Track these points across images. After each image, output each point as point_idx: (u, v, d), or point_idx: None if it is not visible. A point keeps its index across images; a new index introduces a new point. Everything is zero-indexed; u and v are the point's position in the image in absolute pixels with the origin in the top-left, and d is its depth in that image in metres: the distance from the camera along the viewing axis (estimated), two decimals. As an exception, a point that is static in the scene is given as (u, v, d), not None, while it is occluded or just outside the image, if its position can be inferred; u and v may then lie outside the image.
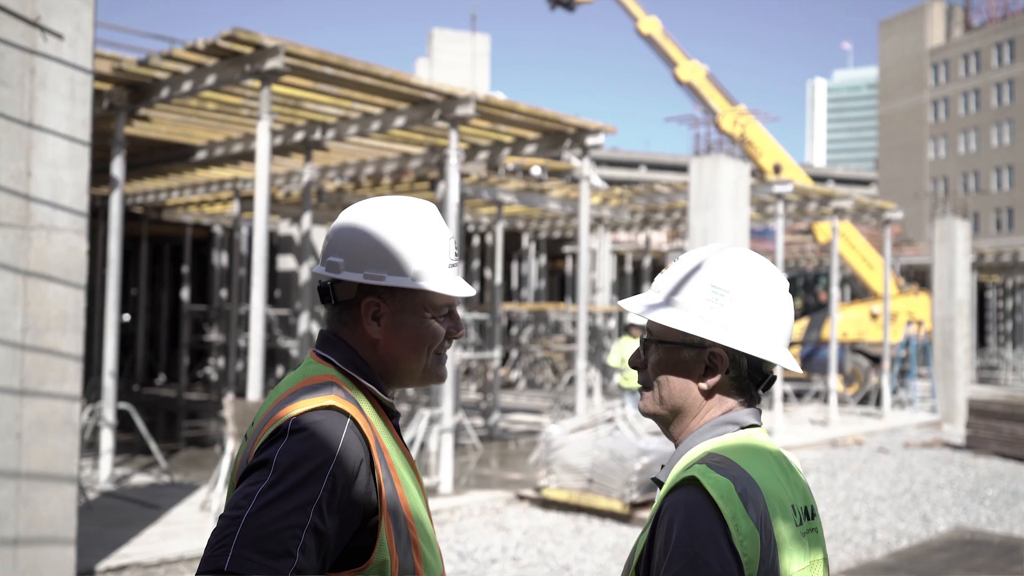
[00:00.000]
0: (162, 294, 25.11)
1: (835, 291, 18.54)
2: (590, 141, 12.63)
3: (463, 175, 15.68)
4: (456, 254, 1.83)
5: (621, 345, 12.50)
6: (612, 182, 65.50)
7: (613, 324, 25.39)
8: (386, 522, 1.63)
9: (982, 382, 30.64)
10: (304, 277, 13.41)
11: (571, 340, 23.95)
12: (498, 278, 17.46)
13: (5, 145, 6.19)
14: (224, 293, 20.71)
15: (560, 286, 33.40)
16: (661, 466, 1.81)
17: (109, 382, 9.88)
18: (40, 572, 5.93)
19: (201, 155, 14.14)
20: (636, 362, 1.84)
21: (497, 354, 15.76)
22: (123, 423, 11.61)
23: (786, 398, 20.63)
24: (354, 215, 1.80)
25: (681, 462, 1.72)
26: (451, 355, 11.01)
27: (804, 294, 24.83)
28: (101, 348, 16.12)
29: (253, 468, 1.58)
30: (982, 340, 38.19)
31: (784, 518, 1.64)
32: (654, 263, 29.99)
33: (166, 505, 9.23)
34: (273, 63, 9.04)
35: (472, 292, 1.81)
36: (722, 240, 13.60)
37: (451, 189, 10.97)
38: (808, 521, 1.71)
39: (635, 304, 1.82)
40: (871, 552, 8.51)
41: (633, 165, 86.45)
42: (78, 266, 6.56)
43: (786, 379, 23.12)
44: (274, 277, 21.53)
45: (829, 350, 18.24)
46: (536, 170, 24.64)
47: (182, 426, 16.31)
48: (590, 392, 18.18)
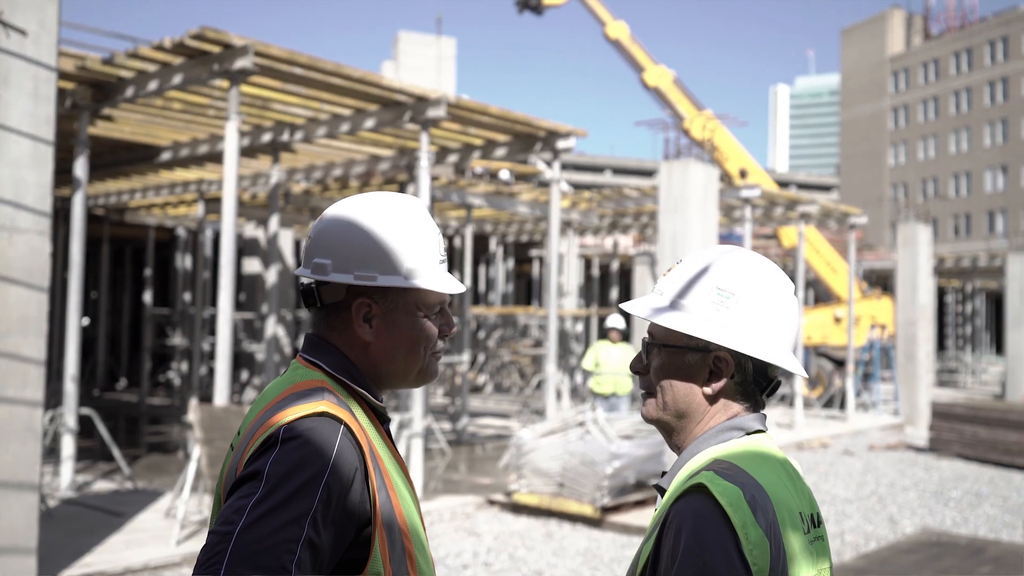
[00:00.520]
0: (123, 297, 24.75)
1: (800, 295, 18.69)
2: (561, 144, 12.62)
3: (432, 178, 15.60)
4: (444, 250, 1.77)
5: (596, 349, 12.39)
6: (578, 186, 65.66)
7: (581, 328, 25.41)
8: (380, 533, 1.56)
9: (942, 385, 31.06)
10: (271, 280, 13.25)
11: (538, 344, 23.93)
12: (467, 281, 17.39)
13: (-34, 143, 6.03)
14: (188, 296, 20.44)
15: (527, 290, 33.39)
16: (663, 473, 1.76)
17: (71, 387, 9.68)
18: (2, 582, 5.78)
19: (166, 156, 13.93)
20: (638, 367, 1.79)
21: (466, 358, 15.69)
22: (84, 429, 11.40)
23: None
24: (339, 213, 1.72)
25: (686, 469, 1.68)
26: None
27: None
28: (62, 352, 15.84)
29: (244, 480, 1.50)
30: (941, 344, 38.73)
31: (793, 526, 1.60)
32: (621, 267, 30.08)
33: (130, 512, 9.05)
34: (242, 63, 8.92)
35: (464, 288, 1.76)
36: (691, 244, 13.63)
37: (422, 192, 10.89)
38: (815, 529, 1.68)
39: (640, 308, 1.77)
40: (840, 554, 8.55)
41: (599, 169, 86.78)
42: (41, 268, 6.41)
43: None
44: (239, 280, 21.29)
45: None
46: (504, 174, 24.62)
47: (144, 431, 16.05)
48: (559, 396, 18.15)
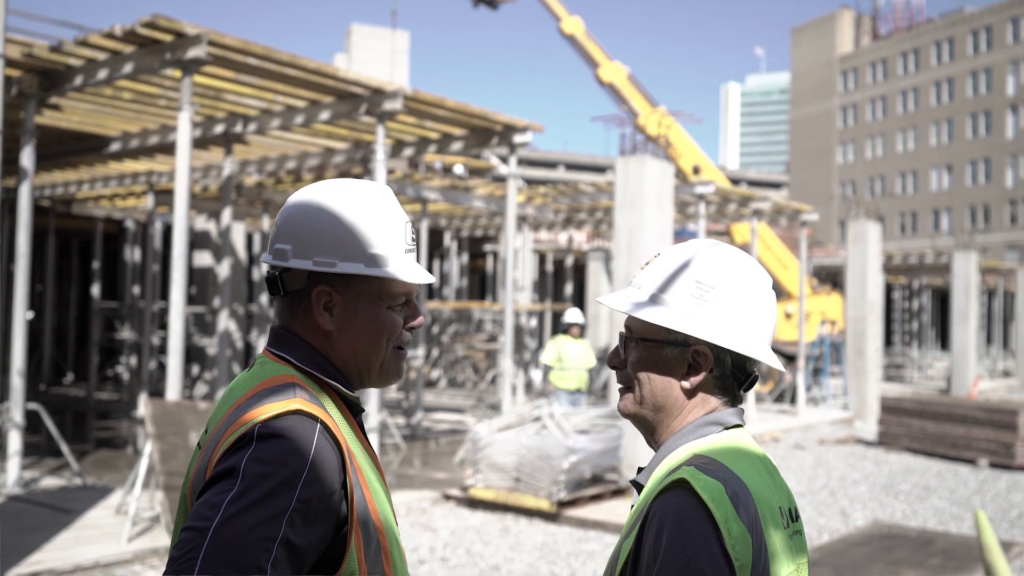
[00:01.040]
0: (70, 291, 24.27)
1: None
2: (517, 139, 12.60)
3: (387, 171, 15.49)
4: (413, 239, 1.71)
5: (557, 344, 12.20)
6: (531, 181, 65.74)
7: (535, 323, 25.46)
8: (356, 531, 1.52)
9: (889, 380, 31.63)
10: (223, 274, 13.06)
11: (492, 339, 23.92)
12: (421, 276, 17.31)
13: (-90, 131, 5.85)
14: (137, 290, 20.10)
15: (481, 284, 33.36)
16: (639, 469, 1.74)
17: (17, 381, 9.46)
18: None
19: (115, 147, 13.66)
20: (615, 361, 1.77)
21: (420, 353, 15.62)
22: (31, 424, 11.15)
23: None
24: (302, 198, 1.67)
25: (664, 464, 1.66)
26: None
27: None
28: (7, 346, 15.49)
29: (218, 477, 1.45)
30: (888, 339, 39.46)
31: (773, 521, 1.59)
32: (576, 262, 30.18)
33: (79, 509, 8.87)
34: (195, 52, 8.76)
35: (432, 279, 1.70)
36: (646, 240, 13.70)
37: (377, 185, 10.79)
38: (793, 523, 1.67)
39: (619, 302, 1.75)
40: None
41: (552, 165, 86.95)
42: (-12, 259, 6.24)
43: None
44: (190, 274, 20.99)
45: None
46: (459, 168, 24.56)
47: (93, 427, 15.75)
48: (513, 391, 18.15)
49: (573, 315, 12.16)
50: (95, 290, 20.35)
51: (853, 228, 20.47)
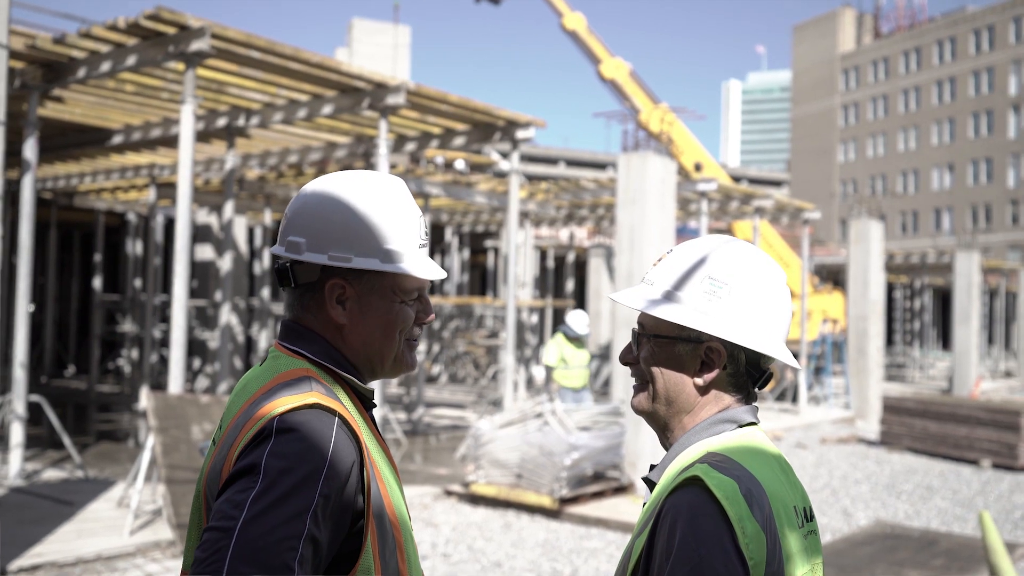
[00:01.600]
0: (72, 283, 24.25)
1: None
2: (520, 134, 12.57)
3: (390, 166, 15.46)
4: (426, 233, 1.70)
5: (560, 345, 11.71)
6: (532, 177, 65.68)
7: (536, 319, 25.44)
8: (371, 526, 1.51)
9: (890, 380, 31.62)
10: (225, 268, 13.04)
11: (493, 335, 23.90)
12: (423, 271, 17.29)
13: (-87, 121, 5.83)
14: (138, 283, 20.08)
15: (482, 280, 33.33)
16: (651, 466, 1.72)
17: (20, 373, 9.44)
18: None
19: (117, 139, 13.63)
20: (628, 357, 1.76)
21: (422, 348, 15.60)
22: (33, 416, 11.13)
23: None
24: (317, 190, 1.65)
25: (677, 462, 1.65)
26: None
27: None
28: (10, 338, 15.47)
29: (239, 474, 1.43)
30: (890, 339, 39.44)
31: (788, 520, 1.58)
32: (577, 259, 30.15)
33: (81, 501, 8.85)
34: (198, 45, 8.73)
35: (444, 274, 1.70)
36: (648, 236, 13.68)
37: (381, 180, 10.77)
38: (808, 523, 1.66)
39: (632, 299, 1.73)
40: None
41: (553, 161, 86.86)
42: (-9, 251, 6.22)
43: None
44: (192, 267, 20.97)
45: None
46: (460, 164, 24.51)
47: (94, 419, 15.74)
48: (515, 387, 18.15)
49: (581, 325, 11.58)
50: (97, 283, 20.33)
51: (855, 227, 20.44)
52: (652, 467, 1.72)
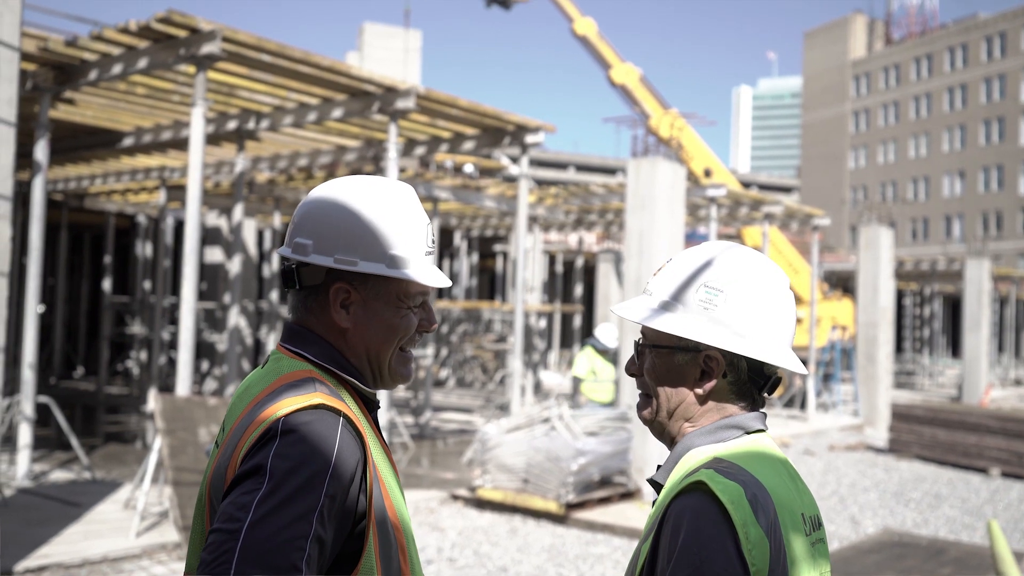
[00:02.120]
0: (81, 285, 24.33)
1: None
2: (529, 139, 12.57)
3: (399, 170, 15.48)
4: (433, 241, 1.71)
5: (590, 358, 11.21)
6: (541, 182, 65.67)
7: (544, 324, 25.42)
8: (373, 527, 1.52)
9: (899, 387, 31.49)
10: (234, 270, 13.07)
11: (501, 339, 23.89)
12: (431, 275, 17.29)
13: (-75, 122, 5.86)
14: (148, 285, 20.13)
15: (490, 285, 33.33)
16: (657, 467, 1.71)
17: (28, 374, 9.47)
18: (-45, 575, 5.62)
19: (128, 142, 13.68)
20: (632, 369, 1.75)
21: (429, 352, 15.60)
22: (41, 417, 11.16)
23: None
24: (326, 194, 1.65)
25: (682, 465, 1.63)
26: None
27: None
28: (19, 339, 15.52)
29: (245, 475, 1.43)
30: (899, 346, 39.29)
31: (794, 527, 1.57)
32: (586, 264, 30.13)
33: (88, 503, 8.87)
34: (209, 48, 8.76)
35: (449, 283, 1.70)
36: (657, 242, 13.65)
37: (389, 183, 10.77)
38: (816, 531, 1.64)
39: (630, 311, 1.72)
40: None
41: (562, 166, 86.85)
42: (1, 252, 6.24)
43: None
44: (201, 269, 21.02)
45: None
46: (469, 168, 24.54)
47: (102, 421, 15.78)
48: (522, 392, 18.13)
49: (611, 338, 11.24)
50: (106, 284, 20.39)
51: (865, 233, 20.37)
52: (658, 468, 1.71)
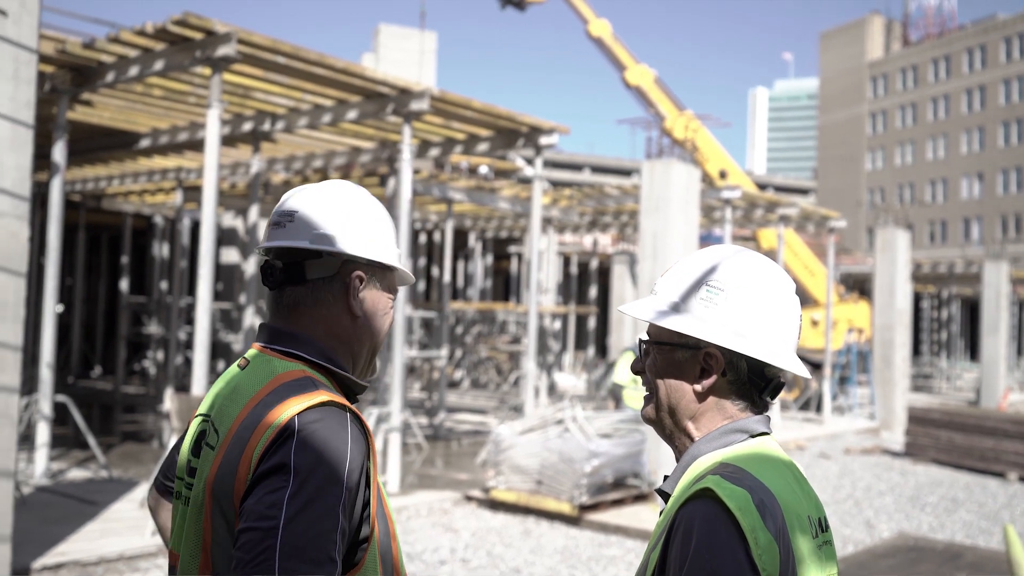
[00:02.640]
0: (99, 285, 24.49)
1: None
2: (543, 141, 12.57)
3: (413, 171, 15.52)
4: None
5: (631, 362, 11.10)
6: (556, 183, 65.63)
7: (558, 325, 25.40)
8: (374, 515, 1.58)
9: (917, 390, 31.31)
10: (250, 271, 13.13)
11: (516, 340, 23.89)
12: (446, 276, 17.33)
13: (-56, 124, 5.91)
14: (164, 285, 20.24)
15: (505, 286, 33.34)
16: (665, 476, 1.72)
17: (46, 373, 9.54)
18: (-28, 572, 5.67)
19: (145, 143, 13.77)
20: (637, 367, 1.76)
21: (444, 353, 15.63)
22: (59, 416, 11.25)
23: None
24: (329, 192, 1.73)
25: (690, 472, 1.64)
26: (399, 353, 10.84)
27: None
28: (37, 339, 15.64)
29: (267, 474, 1.48)
30: (916, 349, 39.04)
31: (801, 530, 1.57)
32: (600, 265, 30.10)
33: (104, 501, 8.94)
34: (225, 50, 8.81)
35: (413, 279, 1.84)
36: (671, 244, 13.63)
37: (403, 185, 10.83)
38: (823, 534, 1.64)
39: (636, 309, 1.74)
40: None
41: (577, 167, 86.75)
42: (19, 253, 6.29)
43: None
44: (217, 270, 21.13)
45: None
46: (484, 169, 24.59)
47: (119, 420, 15.87)
48: (536, 393, 18.13)
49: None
50: (123, 285, 20.51)
51: (882, 236, 20.28)
52: (665, 477, 1.72)
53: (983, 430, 14.04)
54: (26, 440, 10.81)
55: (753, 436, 1.66)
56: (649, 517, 9.55)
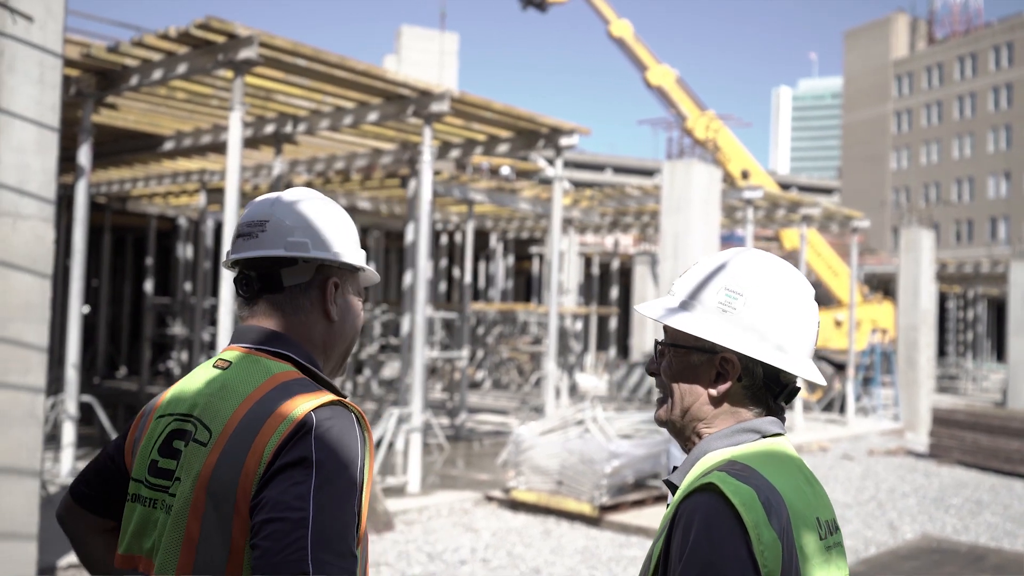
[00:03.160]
0: (124, 286, 24.72)
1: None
2: (564, 142, 12.57)
3: (434, 172, 15.56)
4: None
5: None
6: (578, 184, 65.54)
7: (580, 326, 25.37)
8: (365, 506, 1.61)
9: (942, 391, 31.04)
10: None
11: (537, 341, 23.90)
12: (467, 277, 17.36)
13: (-29, 128, 5.99)
14: (188, 286, 20.41)
15: (526, 287, 33.35)
16: (673, 468, 1.72)
17: (72, 374, 9.65)
18: (0, 568, 5.75)
19: (168, 145, 13.89)
20: (651, 368, 1.77)
21: (465, 353, 15.66)
22: (84, 416, 11.36)
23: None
24: (296, 198, 1.77)
25: (698, 467, 1.64)
26: (420, 354, 10.89)
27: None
28: (63, 340, 15.81)
29: (288, 467, 1.51)
30: (942, 350, 38.69)
31: (808, 531, 1.56)
32: (622, 266, 30.05)
33: (128, 501, 9.00)
34: (247, 53, 8.87)
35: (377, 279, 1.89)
36: (692, 244, 13.60)
37: (424, 186, 10.86)
38: (833, 535, 1.64)
39: (652, 309, 1.74)
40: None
41: (599, 168, 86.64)
42: (44, 255, 6.37)
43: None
44: (239, 271, 21.24)
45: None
46: (505, 170, 24.59)
47: (143, 421, 16.00)
48: (557, 394, 18.13)
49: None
50: (148, 286, 20.70)
51: (906, 235, 20.12)
52: (674, 469, 1.72)
53: (1009, 431, 13.91)
54: (52, 440, 10.93)
55: (765, 436, 1.66)
56: (670, 518, 9.53)
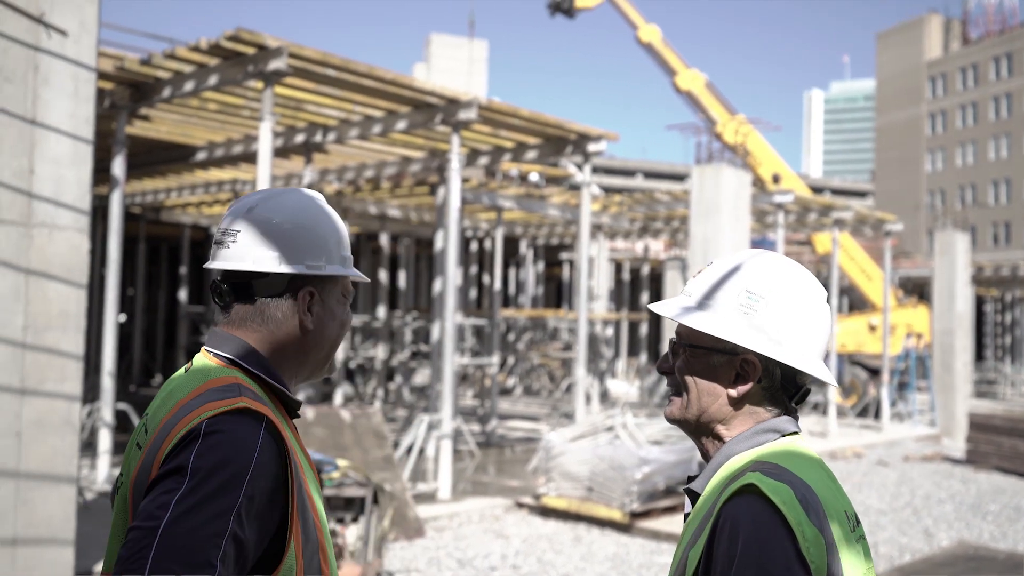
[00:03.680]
0: (159, 295, 25.01)
1: (834, 302, 18.49)
2: (592, 148, 12.58)
3: (463, 180, 15.62)
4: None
5: None
6: (609, 190, 65.41)
7: (611, 332, 25.31)
8: (295, 526, 1.57)
9: (980, 396, 30.60)
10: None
11: (568, 347, 23.87)
12: (496, 284, 17.40)
13: (8, 142, 6.11)
14: (221, 295, 20.60)
15: (557, 293, 33.34)
16: (689, 477, 1.73)
17: (108, 382, 9.79)
18: (38, 572, 5.84)
19: (201, 156, 14.07)
20: (664, 366, 1.77)
21: (495, 360, 15.68)
22: (120, 423, 11.51)
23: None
24: (271, 206, 1.71)
25: (722, 471, 1.65)
26: (449, 360, 10.93)
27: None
28: (99, 348, 16.03)
29: (166, 475, 1.49)
30: (980, 354, 38.17)
31: (840, 524, 1.58)
32: (652, 271, 29.95)
33: (162, 508, 9.11)
34: (276, 64, 8.98)
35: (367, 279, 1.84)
36: (722, 249, 13.54)
37: (452, 194, 10.91)
38: (857, 528, 1.65)
39: (669, 308, 1.75)
40: (875, 567, 8.44)
41: (630, 173, 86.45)
42: (80, 265, 6.48)
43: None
44: (271, 280, 21.42)
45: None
46: (535, 176, 24.60)
47: (177, 428, 16.17)
48: (588, 400, 18.10)
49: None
50: (182, 295, 20.94)
51: (940, 239, 19.90)
52: (691, 478, 1.73)
53: (1047, 437, 13.69)
54: (88, 447, 11.08)
55: (784, 435, 1.68)
56: (701, 524, 9.48)
